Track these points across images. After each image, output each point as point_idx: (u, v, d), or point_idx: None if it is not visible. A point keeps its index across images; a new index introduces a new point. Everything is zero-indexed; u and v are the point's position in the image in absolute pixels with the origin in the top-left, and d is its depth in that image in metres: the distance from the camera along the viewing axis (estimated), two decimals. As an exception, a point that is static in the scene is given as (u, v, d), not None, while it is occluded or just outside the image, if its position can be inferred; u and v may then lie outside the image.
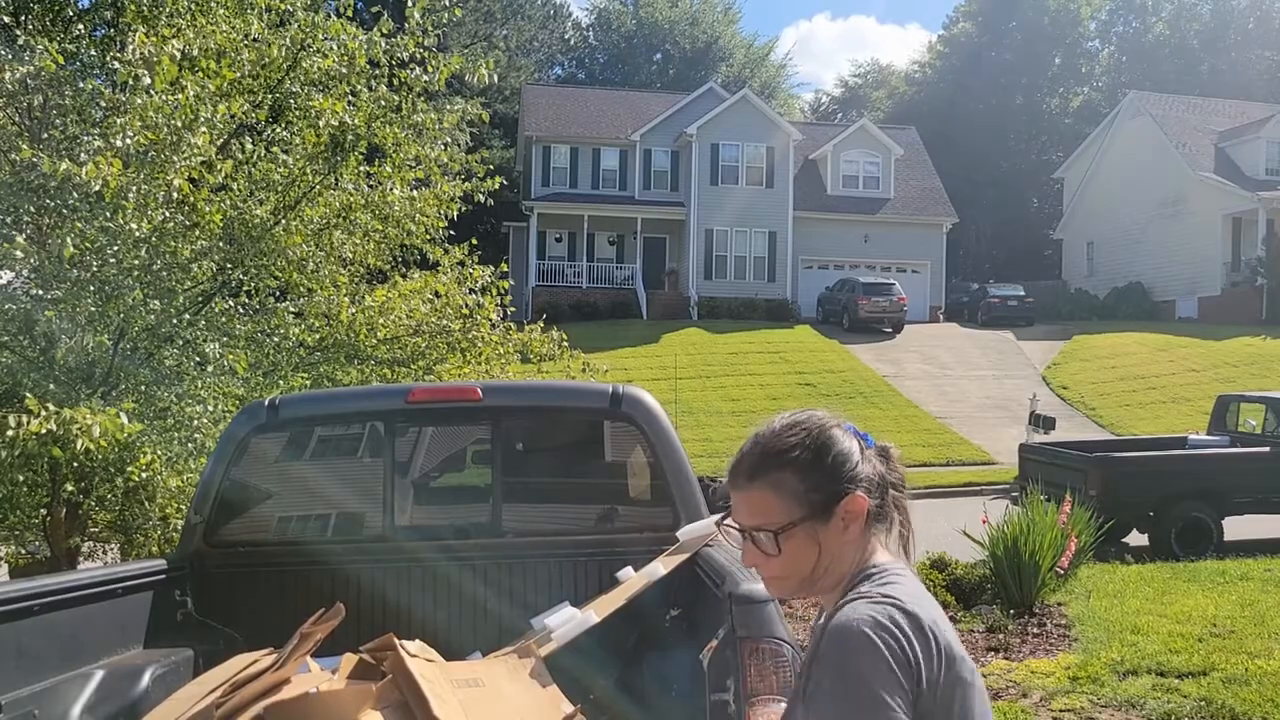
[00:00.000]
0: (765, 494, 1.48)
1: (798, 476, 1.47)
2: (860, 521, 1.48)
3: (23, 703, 2.90)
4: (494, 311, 8.20)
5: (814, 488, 1.47)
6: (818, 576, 1.50)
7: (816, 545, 1.47)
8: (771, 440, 1.51)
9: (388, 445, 4.12)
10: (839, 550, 1.49)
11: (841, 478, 1.48)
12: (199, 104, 6.03)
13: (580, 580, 3.98)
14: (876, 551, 1.51)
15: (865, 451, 1.51)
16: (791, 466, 1.48)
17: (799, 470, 1.48)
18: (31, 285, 6.12)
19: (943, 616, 1.42)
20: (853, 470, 1.48)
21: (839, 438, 1.50)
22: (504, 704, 3.12)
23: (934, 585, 8.16)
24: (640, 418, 3.99)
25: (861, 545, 1.50)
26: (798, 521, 1.46)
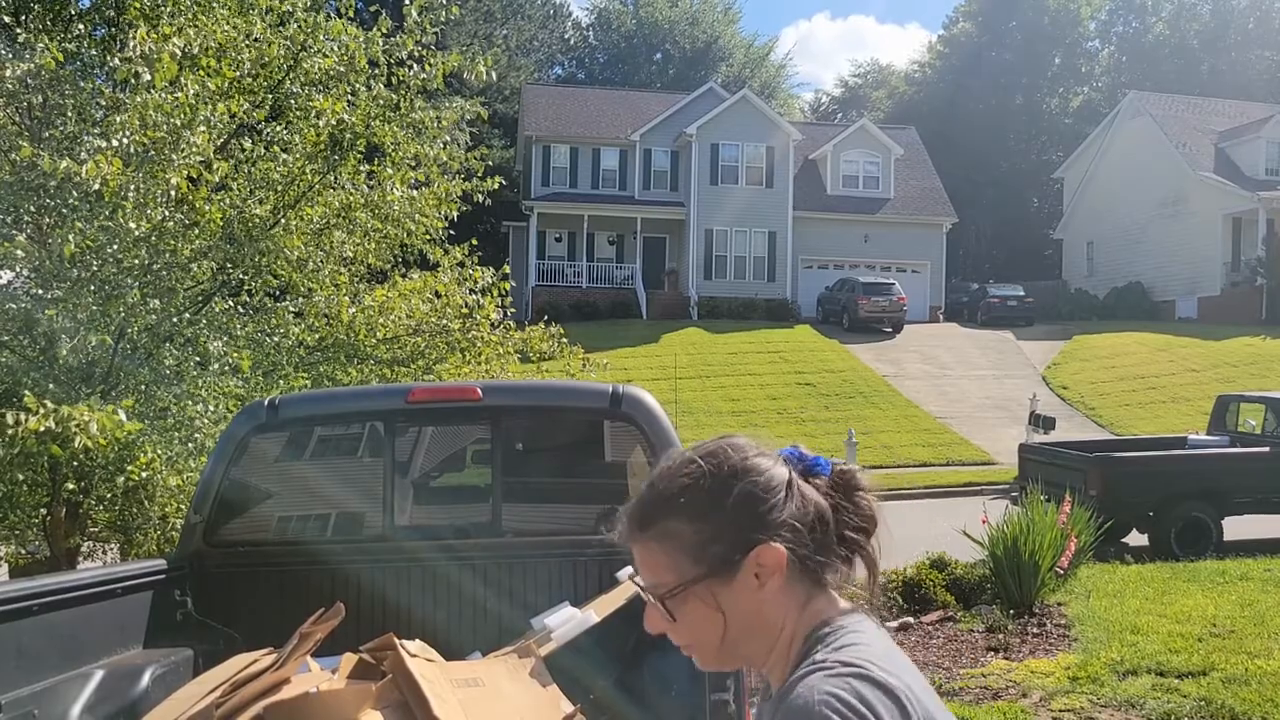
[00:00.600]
0: (653, 548, 1.21)
1: (692, 525, 1.19)
2: (780, 575, 1.18)
3: (22, 702, 2.90)
4: (494, 311, 8.20)
5: (713, 538, 1.18)
6: (735, 646, 1.21)
7: (718, 610, 1.19)
8: (663, 480, 1.23)
9: (388, 445, 4.12)
10: (757, 613, 1.19)
11: (749, 523, 1.18)
12: (199, 102, 6.04)
13: (580, 580, 3.98)
14: (827, 605, 1.22)
15: (798, 486, 1.22)
16: (684, 513, 1.19)
17: (693, 517, 1.19)
18: (32, 285, 6.12)
19: (919, 679, 1.16)
20: (766, 512, 1.18)
21: (752, 472, 1.20)
22: (504, 704, 3.12)
23: (934, 585, 8.16)
24: (640, 418, 3.98)
25: (797, 601, 1.20)
26: (690, 582, 1.18)
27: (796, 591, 1.21)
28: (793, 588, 1.20)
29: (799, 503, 1.21)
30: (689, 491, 1.20)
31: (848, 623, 1.20)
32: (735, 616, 1.19)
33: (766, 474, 1.21)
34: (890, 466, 17.84)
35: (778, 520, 1.19)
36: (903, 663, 1.17)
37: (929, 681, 1.24)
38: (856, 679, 1.08)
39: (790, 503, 1.20)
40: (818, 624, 1.19)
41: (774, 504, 1.19)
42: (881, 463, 17.81)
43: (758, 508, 1.19)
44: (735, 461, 1.22)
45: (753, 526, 1.18)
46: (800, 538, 1.19)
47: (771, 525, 1.18)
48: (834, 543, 1.23)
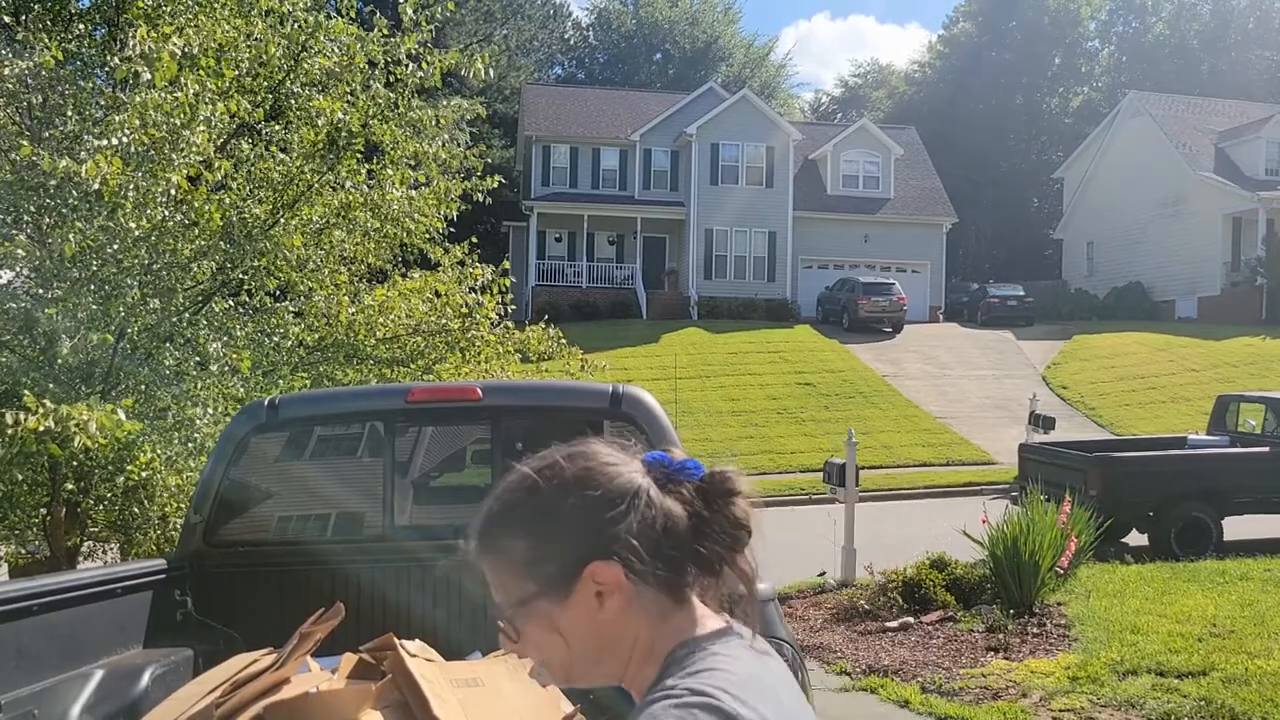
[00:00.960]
0: (490, 566, 1.14)
1: (525, 542, 1.11)
2: (621, 594, 1.09)
3: (22, 702, 2.90)
4: (494, 310, 8.20)
5: (545, 555, 1.10)
6: (583, 666, 1.13)
7: (555, 631, 1.11)
8: (499, 496, 1.16)
9: (387, 445, 4.11)
10: (599, 634, 1.11)
11: (583, 539, 1.09)
12: (198, 102, 6.03)
13: (580, 580, 3.97)
14: (688, 623, 1.12)
15: (648, 495, 1.11)
16: (516, 529, 1.12)
17: (525, 534, 1.12)
18: (32, 284, 6.12)
19: (785, 707, 1.07)
20: (602, 526, 1.09)
21: (588, 483, 1.11)
22: (504, 704, 3.12)
23: (934, 585, 8.16)
24: (640, 417, 3.98)
25: (650, 619, 1.11)
26: (522, 602, 1.11)
27: (649, 608, 1.11)
28: (643, 605, 1.11)
29: (646, 514, 1.10)
30: (521, 506, 1.13)
31: (710, 644, 1.09)
32: (576, 637, 1.11)
33: (607, 485, 1.11)
34: (890, 466, 17.84)
35: (616, 534, 1.09)
36: (767, 689, 1.06)
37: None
38: (704, 710, 0.99)
39: (634, 515, 1.10)
40: (676, 644, 1.10)
41: (611, 517, 1.09)
42: (881, 463, 17.81)
43: (592, 522, 1.09)
44: (571, 473, 1.13)
45: (587, 542, 1.09)
46: (645, 552, 1.09)
47: (609, 540, 1.09)
48: (694, 555, 1.12)
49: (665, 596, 1.12)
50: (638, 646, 1.12)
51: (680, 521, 1.12)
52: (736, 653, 1.10)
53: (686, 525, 1.12)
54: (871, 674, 6.74)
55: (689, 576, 1.12)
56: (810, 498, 15.46)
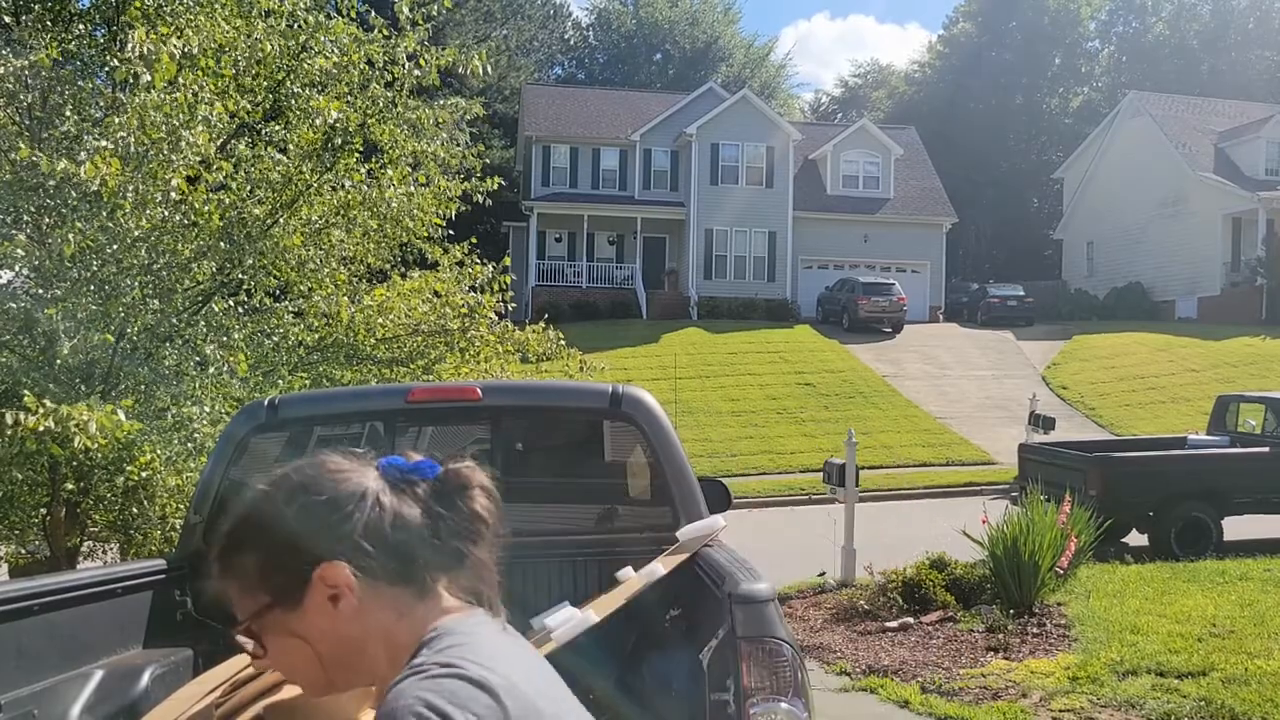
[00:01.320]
0: (228, 586, 1.16)
1: (254, 556, 1.14)
2: (352, 593, 1.11)
3: (22, 702, 2.90)
4: (494, 309, 8.20)
5: (274, 565, 1.13)
6: (338, 671, 1.15)
7: (298, 638, 1.13)
8: (229, 516, 1.19)
9: (387, 445, 4.11)
10: (342, 635, 1.13)
11: (308, 544, 1.11)
12: (197, 102, 6.03)
13: (580, 580, 3.98)
14: (432, 612, 1.14)
15: (376, 497, 1.15)
16: (245, 544, 1.15)
17: (253, 548, 1.14)
18: (32, 285, 6.12)
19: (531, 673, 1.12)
20: (325, 530, 1.12)
21: (310, 490, 1.15)
22: (504, 704, 3.11)
23: (934, 585, 8.16)
24: (640, 418, 3.98)
25: (391, 615, 1.13)
26: (257, 615, 1.13)
27: (387, 605, 1.13)
28: (380, 603, 1.13)
29: (374, 515, 1.14)
30: (246, 521, 1.16)
31: (456, 625, 1.13)
32: (320, 642, 1.13)
33: (332, 490, 1.15)
34: (890, 466, 17.84)
35: (341, 536, 1.12)
36: (512, 657, 1.11)
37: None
38: (450, 678, 1.03)
39: (360, 516, 1.13)
40: (425, 633, 1.12)
41: (336, 520, 1.13)
42: (881, 463, 17.81)
43: (317, 526, 1.13)
44: (295, 481, 1.17)
45: (313, 546, 1.12)
46: (377, 551, 1.12)
47: (334, 542, 1.12)
48: (430, 550, 1.15)
49: (404, 592, 1.14)
50: (386, 644, 1.13)
51: (414, 519, 1.16)
52: (483, 629, 1.14)
53: (420, 523, 1.16)
54: (871, 674, 6.74)
55: (427, 571, 1.15)
56: (810, 498, 15.46)
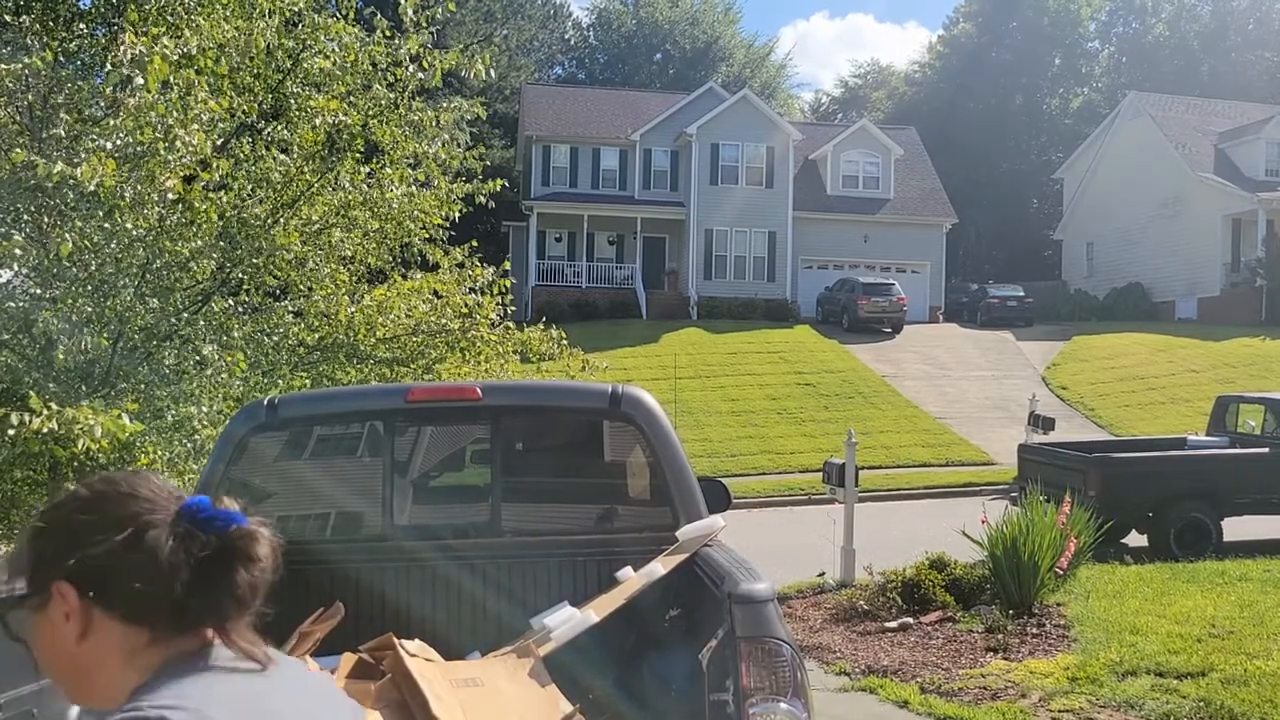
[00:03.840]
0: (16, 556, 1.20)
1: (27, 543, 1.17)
2: (77, 619, 1.11)
3: (22, 701, 2.90)
4: (493, 311, 8.20)
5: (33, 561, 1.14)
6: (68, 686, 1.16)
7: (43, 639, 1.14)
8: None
9: (387, 445, 4.11)
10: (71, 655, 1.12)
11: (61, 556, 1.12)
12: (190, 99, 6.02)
13: (580, 580, 3.98)
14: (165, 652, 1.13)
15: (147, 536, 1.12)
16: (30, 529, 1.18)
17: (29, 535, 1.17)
18: (30, 284, 6.12)
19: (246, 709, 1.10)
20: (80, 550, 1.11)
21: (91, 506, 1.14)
22: (503, 704, 3.12)
23: (933, 585, 8.17)
24: (640, 418, 3.98)
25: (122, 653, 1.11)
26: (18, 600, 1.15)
27: (117, 642, 1.11)
28: (110, 637, 1.11)
29: (133, 552, 1.11)
30: (42, 510, 1.18)
31: (180, 668, 1.10)
32: (50, 650, 1.14)
33: (103, 512, 1.13)
34: (890, 467, 17.84)
35: (90, 561, 1.10)
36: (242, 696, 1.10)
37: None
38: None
39: (110, 547, 1.10)
40: (147, 675, 1.11)
41: (93, 544, 1.11)
42: (881, 463, 17.81)
43: (73, 543, 1.12)
44: (84, 494, 1.16)
45: (61, 559, 1.11)
46: (119, 588, 1.10)
47: (77, 563, 1.11)
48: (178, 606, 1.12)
49: (140, 633, 1.12)
50: (115, 677, 1.12)
51: (175, 570, 1.11)
52: (209, 676, 1.10)
53: (176, 574, 1.12)
54: (871, 674, 6.74)
55: (168, 619, 1.12)
56: (810, 498, 15.46)
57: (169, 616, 1.12)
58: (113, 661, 1.12)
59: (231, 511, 1.18)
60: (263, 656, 1.18)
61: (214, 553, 1.14)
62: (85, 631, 1.11)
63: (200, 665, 1.11)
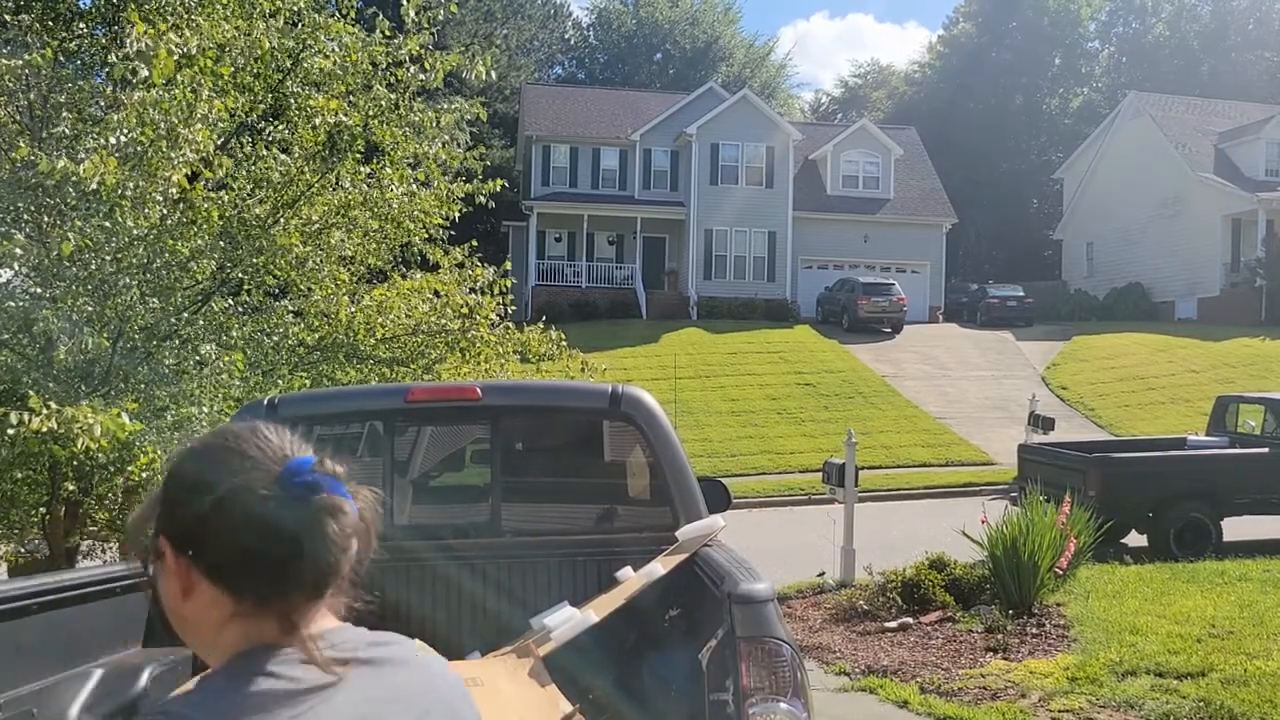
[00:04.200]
0: None
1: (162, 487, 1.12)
2: (175, 576, 1.06)
3: (21, 701, 2.90)
4: (493, 311, 8.20)
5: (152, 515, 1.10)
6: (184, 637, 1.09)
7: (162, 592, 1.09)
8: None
9: (387, 444, 4.11)
10: (176, 609, 1.07)
11: (163, 510, 1.08)
12: (194, 98, 6.02)
13: (580, 580, 3.98)
14: (255, 633, 1.05)
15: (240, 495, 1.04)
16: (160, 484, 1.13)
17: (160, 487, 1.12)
18: (30, 284, 6.12)
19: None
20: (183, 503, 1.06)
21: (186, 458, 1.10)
22: (503, 704, 3.12)
23: (933, 585, 8.17)
24: (640, 417, 3.98)
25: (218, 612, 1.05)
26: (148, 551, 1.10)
27: (210, 602, 1.06)
28: (203, 596, 1.05)
29: (229, 513, 1.03)
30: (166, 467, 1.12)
31: (247, 665, 1.02)
32: (164, 601, 1.08)
33: (207, 469, 1.06)
34: (890, 467, 17.84)
35: (185, 519, 1.05)
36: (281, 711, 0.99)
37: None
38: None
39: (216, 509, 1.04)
40: (225, 660, 1.05)
41: (183, 499, 1.05)
42: (881, 463, 17.81)
43: (173, 499, 1.07)
44: (195, 448, 1.10)
45: (168, 512, 1.07)
46: (211, 547, 1.04)
47: (178, 521, 1.06)
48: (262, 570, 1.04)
49: (227, 601, 1.05)
50: (213, 637, 1.06)
51: (253, 538, 1.03)
52: (248, 684, 1.01)
53: (260, 545, 1.04)
54: (870, 674, 6.74)
55: (252, 596, 1.05)
56: (810, 498, 15.46)
57: (248, 588, 1.04)
58: (207, 627, 1.06)
59: (326, 478, 1.08)
60: (325, 666, 1.05)
61: (291, 523, 1.04)
62: (186, 590, 1.06)
63: (261, 667, 1.02)
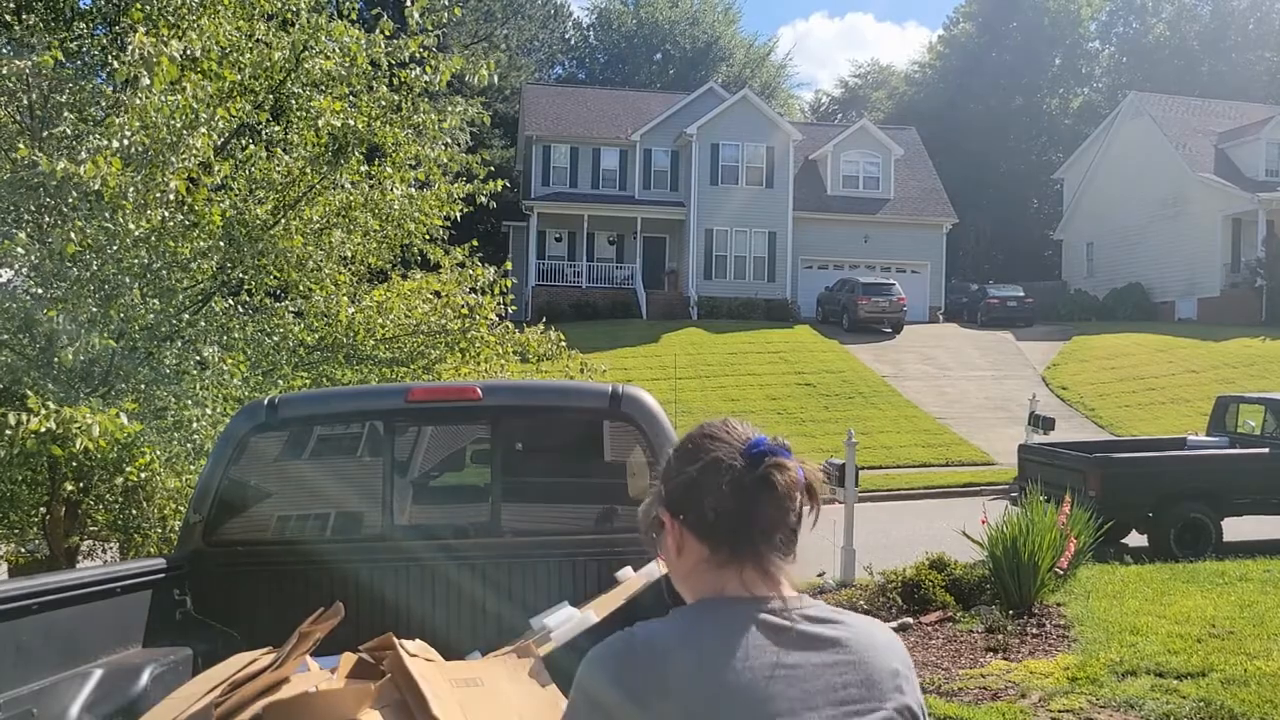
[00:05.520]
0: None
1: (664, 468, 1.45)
2: (672, 535, 1.36)
3: (21, 701, 2.90)
4: (493, 311, 8.19)
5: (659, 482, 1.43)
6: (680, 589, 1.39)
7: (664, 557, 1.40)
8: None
9: (387, 444, 4.11)
10: (674, 563, 1.38)
11: (666, 481, 1.39)
12: (198, 105, 6.03)
13: (580, 580, 3.98)
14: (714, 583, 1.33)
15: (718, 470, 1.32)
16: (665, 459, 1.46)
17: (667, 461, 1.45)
18: (31, 284, 6.12)
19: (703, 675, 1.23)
20: (676, 478, 1.37)
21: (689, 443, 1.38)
22: (503, 704, 3.12)
23: (933, 585, 8.16)
24: (640, 417, 3.98)
25: (698, 565, 1.34)
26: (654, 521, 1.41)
27: (693, 554, 1.34)
28: (691, 551, 1.34)
29: (705, 482, 1.32)
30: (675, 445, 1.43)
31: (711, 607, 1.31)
32: (665, 560, 1.38)
33: (689, 451, 1.36)
34: (890, 467, 17.84)
35: (678, 486, 1.35)
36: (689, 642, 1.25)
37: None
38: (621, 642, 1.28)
39: (696, 480, 1.33)
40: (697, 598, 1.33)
41: (683, 473, 1.34)
42: (881, 463, 17.81)
43: (673, 472, 1.37)
44: (682, 439, 1.40)
45: (667, 485, 1.37)
46: (694, 511, 1.33)
47: (672, 490, 1.36)
48: (729, 530, 1.32)
49: (708, 553, 1.33)
50: (694, 581, 1.35)
51: (724, 497, 1.31)
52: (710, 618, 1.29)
53: (731, 503, 1.31)
54: (870, 674, 6.72)
55: (727, 547, 1.32)
56: (810, 498, 15.43)
57: (727, 540, 1.31)
58: (697, 577, 1.34)
59: (774, 444, 1.34)
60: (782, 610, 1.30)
61: (750, 482, 1.31)
62: (679, 548, 1.35)
63: (721, 612, 1.29)
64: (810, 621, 1.31)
